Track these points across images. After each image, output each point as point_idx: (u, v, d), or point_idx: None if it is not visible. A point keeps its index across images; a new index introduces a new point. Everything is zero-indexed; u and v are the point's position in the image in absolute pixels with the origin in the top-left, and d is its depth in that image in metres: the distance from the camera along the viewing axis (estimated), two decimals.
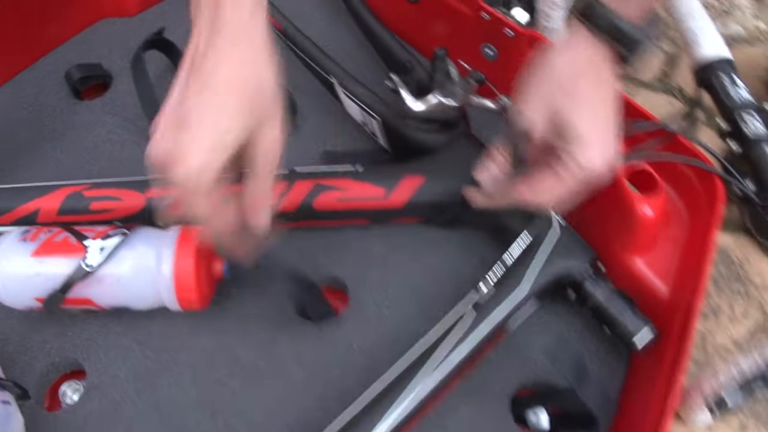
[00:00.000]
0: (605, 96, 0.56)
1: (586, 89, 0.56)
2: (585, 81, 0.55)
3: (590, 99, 0.55)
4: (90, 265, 0.63)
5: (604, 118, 0.56)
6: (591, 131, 0.55)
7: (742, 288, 0.81)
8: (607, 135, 0.56)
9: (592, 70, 0.56)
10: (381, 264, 0.72)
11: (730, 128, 0.72)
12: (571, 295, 0.66)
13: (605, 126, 0.56)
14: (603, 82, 0.56)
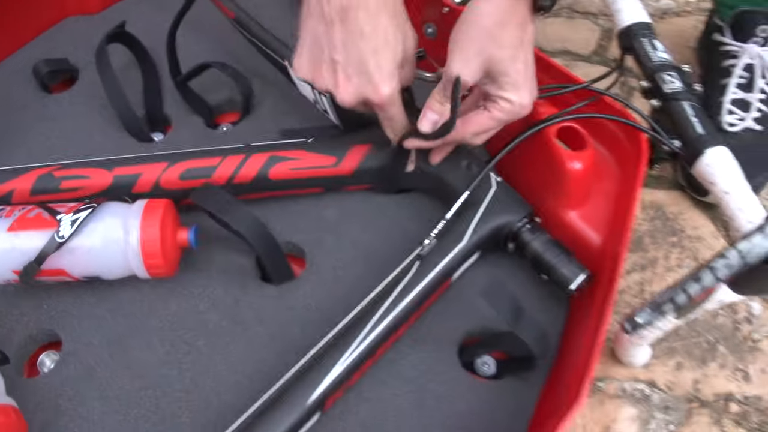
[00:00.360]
0: (527, 41, 0.63)
1: (512, 36, 0.61)
2: (510, 29, 0.61)
3: (516, 45, 0.62)
4: (62, 236, 0.68)
5: (528, 61, 0.64)
6: (519, 75, 0.63)
7: (676, 240, 0.87)
8: (531, 77, 0.65)
9: (514, 18, 0.61)
10: (335, 229, 0.77)
11: (651, 86, 0.77)
12: (510, 248, 0.72)
13: (530, 70, 0.65)
14: (524, 28, 0.62)
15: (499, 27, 0.61)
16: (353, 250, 0.76)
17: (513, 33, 0.61)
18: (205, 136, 0.86)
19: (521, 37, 0.62)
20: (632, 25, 0.81)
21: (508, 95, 0.64)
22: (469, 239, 0.69)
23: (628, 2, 0.82)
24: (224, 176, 0.74)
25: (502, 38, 0.61)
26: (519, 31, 0.62)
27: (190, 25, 0.92)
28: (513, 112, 0.66)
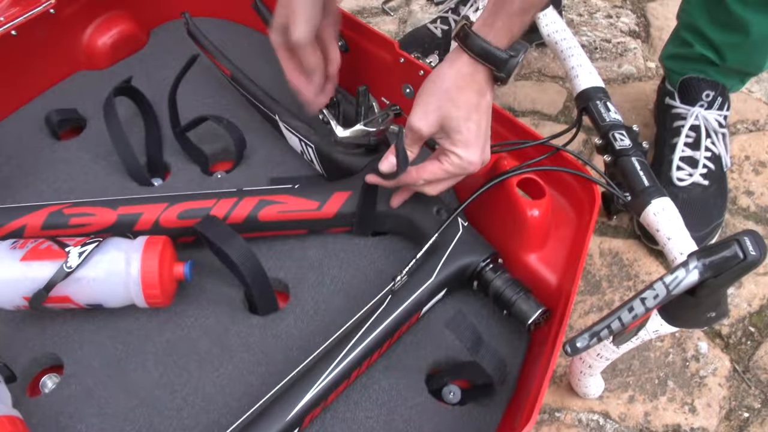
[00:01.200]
0: (484, 106, 0.70)
1: (468, 99, 0.69)
2: (467, 92, 0.69)
3: (470, 108, 0.69)
4: (70, 266, 0.75)
5: (482, 125, 0.71)
6: (470, 134, 0.70)
7: (631, 284, 0.95)
8: (483, 139, 0.72)
9: (472, 84, 0.68)
10: (317, 267, 0.85)
11: (604, 143, 0.86)
12: (475, 285, 0.79)
13: (482, 132, 0.71)
14: (481, 95, 0.69)
15: (457, 89, 0.69)
16: (333, 286, 0.83)
17: (469, 97, 0.69)
18: (201, 182, 0.95)
19: (477, 102, 0.69)
20: (588, 89, 0.90)
21: (458, 151, 0.71)
22: (437, 276, 0.77)
23: (584, 70, 0.92)
24: (218, 216, 0.81)
25: (458, 99, 0.69)
26: (476, 97, 0.69)
27: (191, 81, 1.01)
28: (461, 166, 0.72)
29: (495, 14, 0.66)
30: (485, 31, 0.67)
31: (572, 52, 0.94)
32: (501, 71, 0.68)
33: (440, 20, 1.19)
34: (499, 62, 0.67)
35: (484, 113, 0.71)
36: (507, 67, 0.67)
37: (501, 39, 0.67)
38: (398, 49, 0.93)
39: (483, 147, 0.72)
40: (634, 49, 1.27)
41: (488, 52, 0.67)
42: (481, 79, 0.69)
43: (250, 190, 0.85)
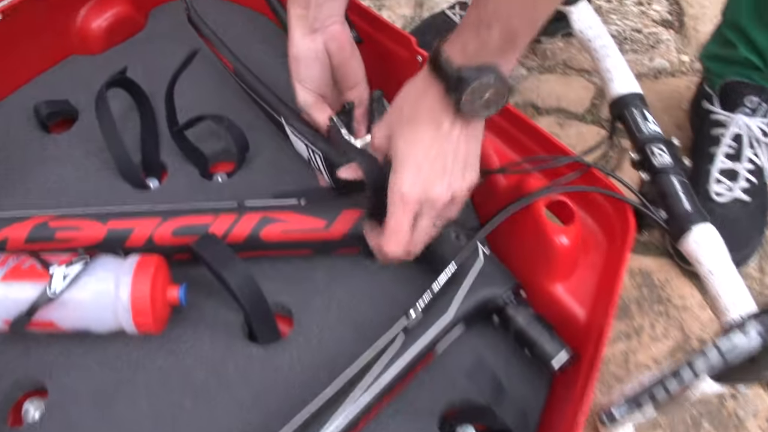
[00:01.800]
0: (435, 127, 0.62)
1: (417, 116, 0.62)
2: (417, 108, 0.62)
3: (418, 125, 0.62)
4: (54, 291, 0.69)
5: (426, 146, 0.62)
6: (408, 154, 0.63)
7: (663, 308, 0.88)
8: (424, 162, 0.62)
9: (423, 100, 0.61)
10: (323, 291, 0.78)
11: (640, 158, 0.79)
12: (495, 320, 0.73)
13: (424, 153, 0.62)
14: (432, 116, 0.61)
15: (408, 103, 0.63)
16: (340, 313, 0.77)
17: (419, 113, 0.62)
18: (200, 186, 0.87)
19: (429, 121, 0.62)
20: (624, 95, 0.82)
21: (392, 173, 0.64)
22: (454, 313, 0.70)
23: (620, 73, 0.83)
24: (217, 235, 0.75)
25: (408, 115, 0.63)
26: (426, 115, 0.62)
27: (191, 72, 0.93)
28: (393, 201, 0.64)
29: (459, 26, 0.59)
30: (448, 43, 0.59)
31: (607, 51, 0.86)
32: (450, 92, 0.59)
33: (459, 6, 1.10)
34: (447, 78, 0.59)
35: (442, 144, 0.62)
36: (457, 88, 0.58)
37: (455, 53, 0.58)
38: (416, 46, 0.85)
39: (433, 181, 0.63)
40: (666, 41, 1.18)
41: (438, 62, 0.59)
42: (435, 97, 0.61)
43: (251, 206, 0.77)
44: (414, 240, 0.68)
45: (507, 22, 0.54)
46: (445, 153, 0.63)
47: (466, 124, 0.62)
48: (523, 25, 0.56)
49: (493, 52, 0.57)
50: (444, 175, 0.63)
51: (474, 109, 0.60)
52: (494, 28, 0.55)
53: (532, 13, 0.55)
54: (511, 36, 0.56)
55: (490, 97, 0.59)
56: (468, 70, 0.57)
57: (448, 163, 0.63)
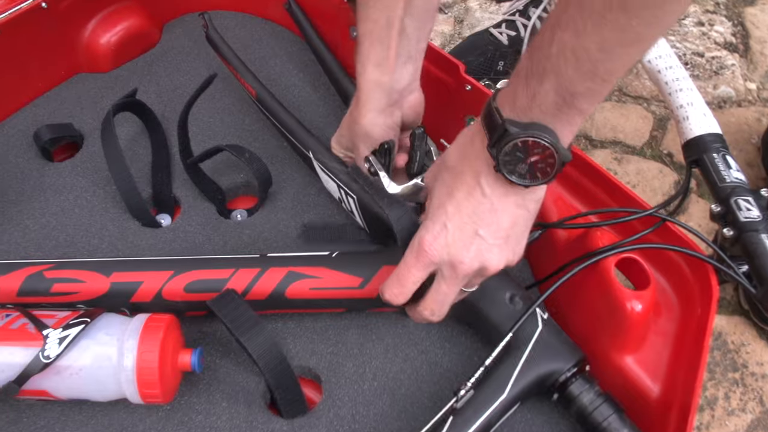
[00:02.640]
0: (473, 184, 0.53)
1: (459, 166, 0.54)
2: (463, 158, 0.54)
3: (457, 176, 0.54)
4: (48, 357, 0.60)
5: (459, 201, 0.53)
6: (440, 205, 0.54)
7: (739, 376, 0.77)
8: (455, 218, 0.53)
9: (469, 150, 0.53)
10: (357, 354, 0.68)
11: (722, 211, 0.69)
12: (554, 398, 0.63)
13: (456, 209, 0.53)
14: (476, 170, 0.52)
15: (456, 151, 0.55)
16: (376, 382, 0.67)
17: (462, 164, 0.53)
18: (217, 225, 0.78)
19: (465, 176, 0.53)
20: (702, 136, 0.72)
21: (421, 227, 0.56)
22: (511, 389, 0.60)
23: (696, 110, 0.73)
24: (236, 291, 0.65)
25: (452, 161, 0.55)
26: (468, 168, 0.53)
27: (208, 94, 0.84)
28: (413, 248, 0.55)
29: (512, 74, 0.49)
30: (503, 91, 0.50)
31: (681, 85, 0.76)
32: (491, 144, 0.49)
33: (506, 24, 0.99)
34: (492, 129, 0.49)
35: (478, 204, 0.53)
36: (498, 142, 0.49)
37: (506, 103, 0.49)
38: (464, 73, 0.75)
39: (459, 243, 0.53)
40: (731, 66, 1.07)
41: (488, 111, 0.50)
42: (478, 148, 0.52)
43: (276, 257, 0.68)
44: (428, 301, 0.57)
45: (560, 77, 0.44)
46: (479, 216, 0.53)
47: (512, 189, 0.52)
48: (580, 83, 0.44)
49: (547, 110, 0.47)
50: (473, 241, 0.53)
51: (516, 173, 0.50)
52: (545, 82, 0.45)
53: (590, 69, 0.43)
54: (567, 94, 0.45)
55: (538, 162, 0.49)
56: (514, 124, 0.48)
57: (482, 229, 0.53)
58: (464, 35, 1.10)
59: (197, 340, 0.70)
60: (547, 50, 0.44)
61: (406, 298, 0.57)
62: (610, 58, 0.42)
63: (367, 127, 0.65)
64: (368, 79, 0.63)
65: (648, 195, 0.88)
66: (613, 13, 0.40)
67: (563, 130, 0.48)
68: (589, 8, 0.41)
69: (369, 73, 0.63)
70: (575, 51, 0.43)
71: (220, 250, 0.76)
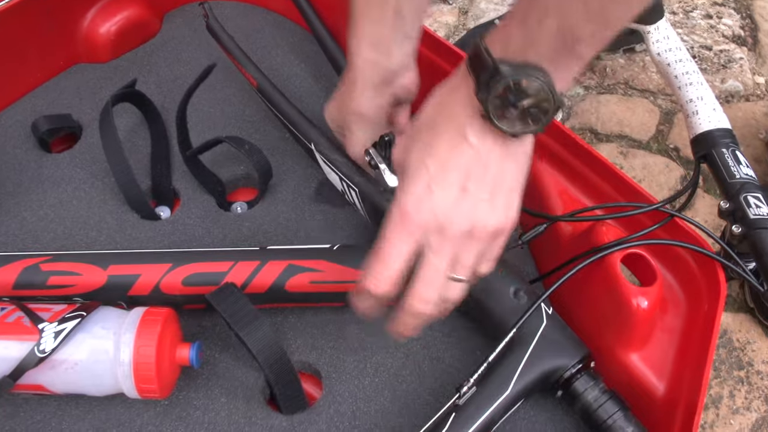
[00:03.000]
0: (457, 135, 0.48)
1: (438, 120, 0.50)
2: (442, 111, 0.50)
3: (437, 131, 0.49)
4: (44, 351, 0.59)
5: (443, 157, 0.49)
6: (420, 166, 0.49)
7: (744, 374, 0.76)
8: (438, 176, 0.49)
9: (454, 103, 0.48)
10: (357, 348, 0.67)
11: (731, 207, 0.67)
12: (558, 394, 0.62)
13: (439, 165, 0.49)
14: (460, 120, 0.48)
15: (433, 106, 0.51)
16: (377, 378, 0.66)
17: (445, 121, 0.49)
18: (216, 218, 0.77)
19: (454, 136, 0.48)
20: (711, 131, 0.71)
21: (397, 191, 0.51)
22: (514, 386, 0.59)
23: (706, 105, 0.72)
24: (235, 284, 0.64)
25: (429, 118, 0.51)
26: (452, 127, 0.48)
27: (209, 84, 0.83)
28: (394, 218, 0.50)
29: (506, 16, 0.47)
30: (489, 35, 0.46)
31: (691, 79, 0.75)
32: (480, 88, 0.45)
33: None
34: (480, 70, 0.45)
35: (461, 154, 0.48)
36: (488, 85, 0.44)
37: (496, 45, 0.45)
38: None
39: (444, 200, 0.49)
40: (739, 60, 1.05)
41: (476, 54, 0.46)
42: (462, 97, 0.47)
43: (275, 250, 0.67)
44: (418, 285, 0.51)
45: (564, 17, 0.41)
46: (465, 169, 0.48)
47: (501, 139, 0.48)
48: (586, 26, 0.42)
49: (543, 53, 0.44)
50: (462, 197, 0.49)
51: (505, 117, 0.45)
52: (546, 22, 0.42)
53: (599, 11, 0.40)
54: (569, 36, 0.42)
55: (530, 106, 0.45)
56: (506, 63, 0.44)
57: (470, 183, 0.48)
58: (469, 27, 1.08)
59: (196, 334, 0.69)
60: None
61: (392, 283, 0.51)
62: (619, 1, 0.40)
63: (360, 107, 0.64)
64: (363, 58, 0.61)
65: (654, 190, 0.87)
66: None
67: (559, 76, 0.44)
68: None
69: (364, 52, 0.61)
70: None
71: (220, 242, 0.75)
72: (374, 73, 0.62)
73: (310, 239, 0.74)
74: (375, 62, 0.62)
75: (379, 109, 0.64)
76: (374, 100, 0.64)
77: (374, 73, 0.62)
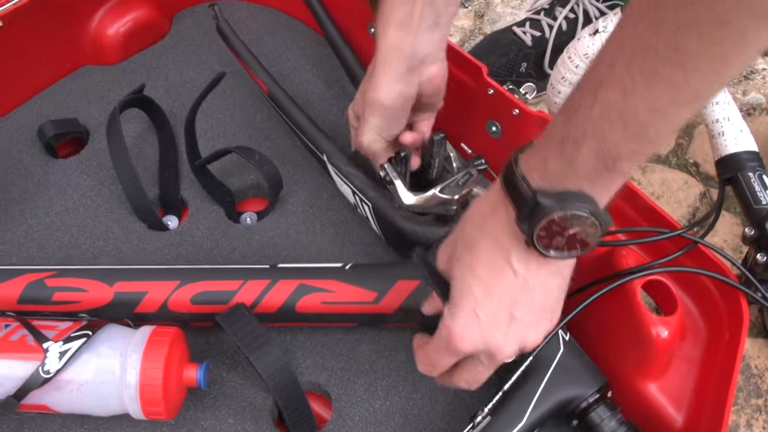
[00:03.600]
0: (500, 262, 0.48)
1: (479, 242, 0.48)
2: (483, 232, 0.48)
3: (479, 254, 0.48)
4: (48, 371, 0.58)
5: (486, 284, 0.48)
6: (464, 291, 0.49)
7: (762, 403, 0.74)
8: (485, 304, 0.48)
9: (490, 223, 0.48)
10: (369, 370, 0.66)
11: (756, 234, 0.65)
12: (574, 424, 0.60)
13: (484, 293, 0.48)
14: (503, 246, 0.47)
15: (474, 225, 0.50)
16: (388, 402, 0.64)
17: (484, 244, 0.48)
18: (225, 230, 0.75)
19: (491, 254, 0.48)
20: (737, 153, 0.69)
21: (444, 313, 0.50)
22: (530, 416, 0.58)
23: (733, 126, 0.70)
24: (245, 304, 0.62)
25: (470, 237, 0.49)
26: (492, 246, 0.48)
27: (219, 92, 0.81)
28: (442, 340, 0.50)
29: (542, 135, 0.44)
30: (526, 154, 0.45)
31: (717, 98, 0.72)
32: (521, 218, 0.45)
33: (530, 23, 0.95)
34: (519, 199, 0.45)
35: (509, 283, 0.48)
36: (531, 218, 0.44)
37: (533, 170, 0.44)
38: (487, 76, 0.72)
39: (493, 329, 0.49)
40: (762, 71, 1.02)
41: (511, 177, 0.45)
42: (503, 222, 0.47)
43: (286, 269, 0.65)
44: (464, 375, 0.54)
45: (603, 140, 0.39)
46: (512, 298, 0.48)
47: (544, 262, 0.47)
48: (625, 145, 0.39)
49: (583, 177, 0.42)
50: (510, 325, 0.49)
51: (552, 247, 0.45)
52: (584, 146, 0.40)
53: (638, 131, 0.38)
54: (609, 159, 0.40)
55: (577, 234, 0.44)
56: (547, 195, 0.43)
57: (517, 311, 0.48)
58: (485, 31, 1.05)
59: (204, 351, 0.67)
60: (588, 112, 0.39)
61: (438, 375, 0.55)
62: (662, 118, 0.38)
63: (380, 94, 0.60)
64: (388, 42, 0.59)
65: (672, 206, 0.85)
66: (667, 69, 0.35)
67: (601, 194, 0.43)
68: (640, 65, 0.36)
69: (390, 35, 0.59)
70: (622, 112, 0.38)
71: (229, 255, 0.73)
72: (398, 56, 0.59)
73: (321, 255, 0.73)
74: (400, 45, 0.59)
75: (398, 98, 0.61)
76: (395, 87, 0.60)
77: (398, 56, 0.59)
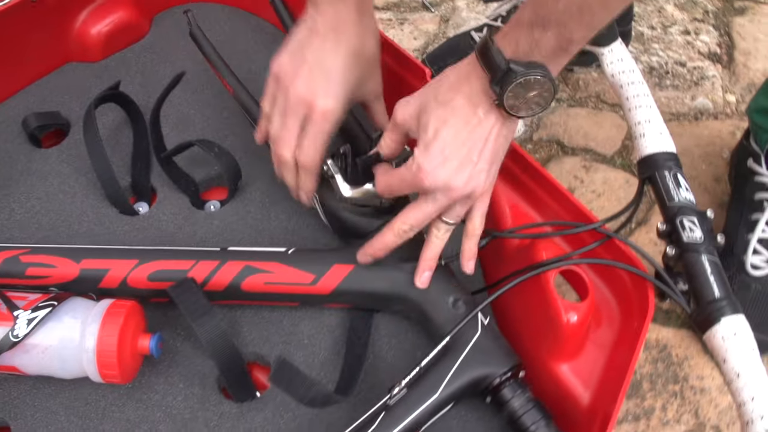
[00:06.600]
0: (473, 122, 0.59)
1: (453, 100, 0.59)
2: (456, 94, 0.59)
3: (454, 112, 0.59)
4: (17, 335, 0.65)
5: (457, 129, 0.60)
6: (437, 143, 0.60)
7: (678, 389, 0.80)
8: (452, 144, 0.60)
9: (464, 86, 0.59)
10: (307, 346, 0.72)
11: (668, 229, 0.71)
12: (488, 400, 0.66)
13: (453, 136, 0.59)
14: (472, 104, 0.59)
15: (447, 86, 0.60)
16: (323, 372, 0.71)
17: (457, 99, 0.60)
18: (189, 216, 0.82)
19: (464, 110, 0.59)
20: (656, 154, 0.74)
21: (417, 153, 0.61)
22: (443, 390, 0.64)
23: (653, 128, 0.75)
24: (196, 281, 0.69)
25: (443, 95, 0.60)
26: (465, 102, 0.59)
27: (190, 85, 0.88)
28: (411, 175, 0.62)
29: (512, 22, 0.57)
30: (499, 36, 0.58)
31: (640, 101, 0.78)
32: (494, 82, 0.57)
33: (488, 29, 1.01)
34: (494, 67, 0.57)
35: (473, 131, 0.60)
36: (503, 80, 0.56)
37: (507, 46, 0.57)
38: (430, 78, 0.78)
39: (456, 168, 0.60)
40: (712, 78, 1.07)
41: (488, 51, 0.57)
42: (476, 85, 0.59)
43: (235, 251, 0.72)
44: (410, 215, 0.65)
45: (563, 27, 0.54)
46: (474, 142, 0.60)
47: (502, 119, 0.60)
48: (578, 32, 0.55)
49: (545, 55, 0.56)
50: (468, 164, 0.60)
51: (516, 106, 0.57)
52: (550, 31, 0.54)
53: (589, 21, 0.54)
54: (564, 41, 0.55)
55: (535, 96, 0.57)
56: (518, 64, 0.56)
57: (475, 153, 0.60)
58: (449, 35, 1.11)
59: (161, 324, 0.74)
60: (553, 5, 0.53)
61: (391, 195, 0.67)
62: (607, 9, 0.53)
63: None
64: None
65: (612, 204, 0.91)
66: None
67: (554, 68, 0.57)
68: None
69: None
70: (581, 7, 0.52)
71: (190, 239, 0.80)
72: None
73: (273, 240, 0.79)
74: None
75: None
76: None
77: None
